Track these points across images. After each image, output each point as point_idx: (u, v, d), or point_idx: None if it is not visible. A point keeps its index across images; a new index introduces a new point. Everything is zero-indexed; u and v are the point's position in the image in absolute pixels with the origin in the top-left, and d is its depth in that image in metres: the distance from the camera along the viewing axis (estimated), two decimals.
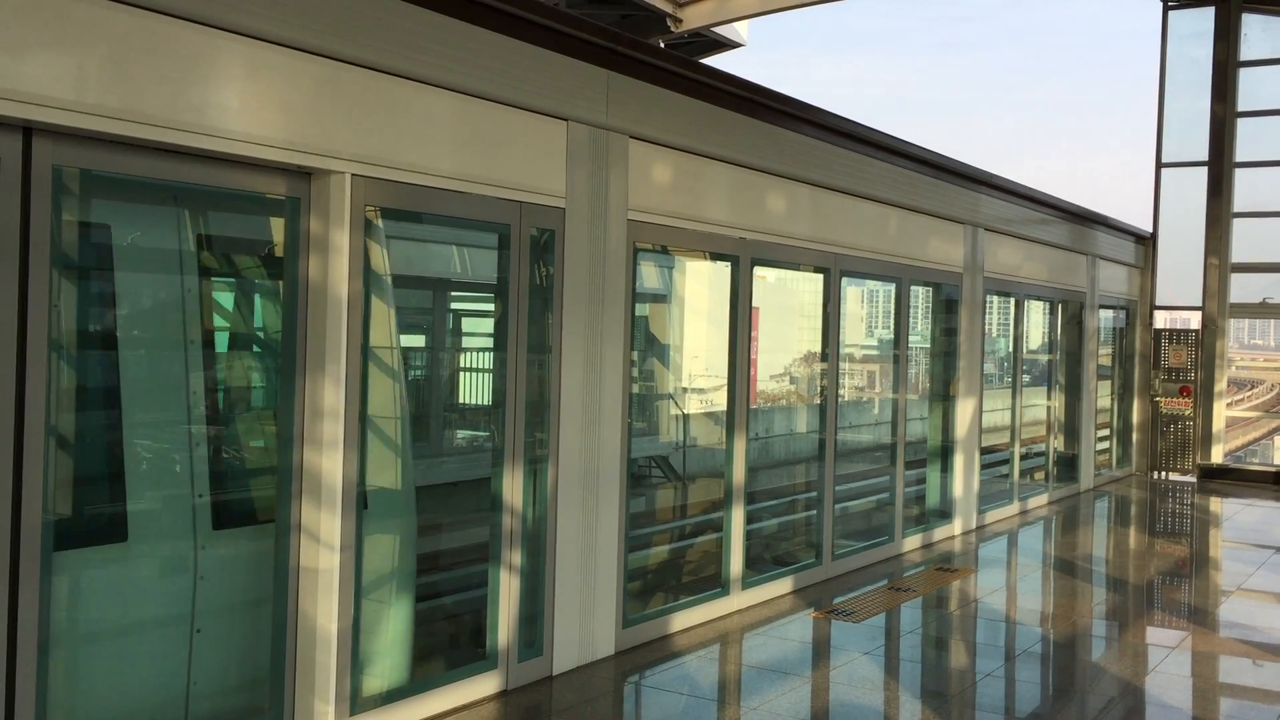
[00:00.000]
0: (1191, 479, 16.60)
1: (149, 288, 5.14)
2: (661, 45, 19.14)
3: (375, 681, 5.61)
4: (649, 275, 7.97)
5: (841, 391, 9.83)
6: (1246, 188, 16.84)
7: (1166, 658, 7.42)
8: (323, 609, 5.20)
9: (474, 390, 6.86)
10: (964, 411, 11.62)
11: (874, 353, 11.05)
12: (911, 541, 10.60)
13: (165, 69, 4.50)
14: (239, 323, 5.71)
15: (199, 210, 5.26)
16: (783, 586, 8.67)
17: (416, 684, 5.79)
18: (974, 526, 11.78)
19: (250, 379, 5.77)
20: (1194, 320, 17.22)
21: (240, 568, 5.25)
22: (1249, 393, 40.10)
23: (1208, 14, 16.99)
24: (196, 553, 5.04)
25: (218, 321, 5.57)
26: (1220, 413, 16.88)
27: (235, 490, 5.48)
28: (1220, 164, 16.72)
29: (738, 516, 8.17)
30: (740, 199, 8.16)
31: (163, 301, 5.13)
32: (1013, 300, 13.10)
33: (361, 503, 5.36)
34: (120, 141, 4.45)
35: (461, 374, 7.38)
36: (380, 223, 5.58)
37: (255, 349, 5.73)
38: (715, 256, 8.16)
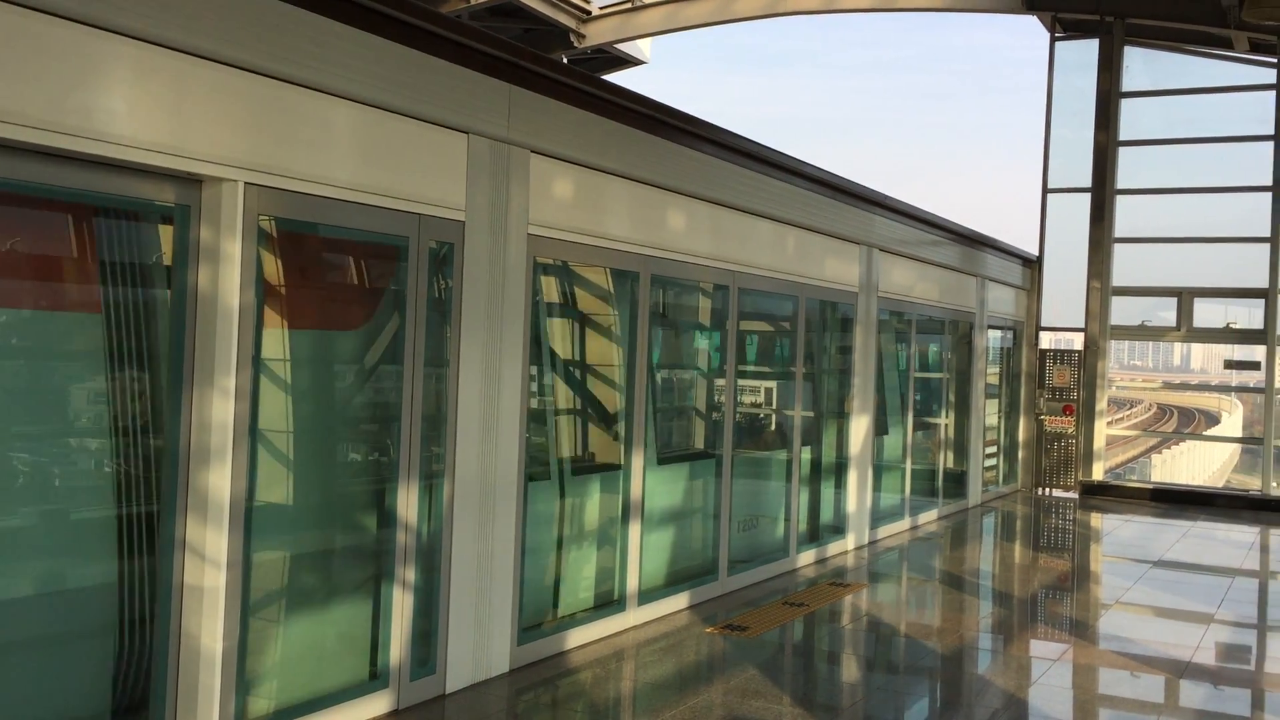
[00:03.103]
0: (1074, 495, 17.15)
1: (30, 295, 4.95)
2: (565, 61, 19.17)
3: (261, 702, 5.47)
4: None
5: (739, 407, 9.92)
6: (1127, 214, 17.50)
7: (1049, 670, 7.64)
8: (207, 628, 5.06)
9: (372, 403, 6.74)
10: (858, 428, 11.82)
11: (770, 369, 11.17)
12: (806, 557, 10.74)
13: (49, 71, 4.35)
14: (129, 332, 5.53)
15: (83, 217, 5.09)
16: (679, 602, 8.70)
17: (304, 704, 5.66)
18: (867, 542, 11.99)
19: (137, 391, 5.59)
20: (1077, 341, 17.83)
21: None
22: (1128, 412, 41.62)
23: (1092, 46, 17.64)
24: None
25: (110, 330, 5.39)
26: (1101, 431, 17.48)
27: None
28: (1102, 191, 17.35)
29: (634, 532, 8.18)
30: (641, 216, 8.20)
31: (45, 309, 4.95)
32: (906, 319, 13.39)
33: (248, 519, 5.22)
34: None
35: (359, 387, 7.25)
36: (275, 232, 5.47)
37: (141, 360, 5.55)
38: (616, 272, 8.18)
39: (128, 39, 4.62)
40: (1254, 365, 17.10)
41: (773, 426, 11.08)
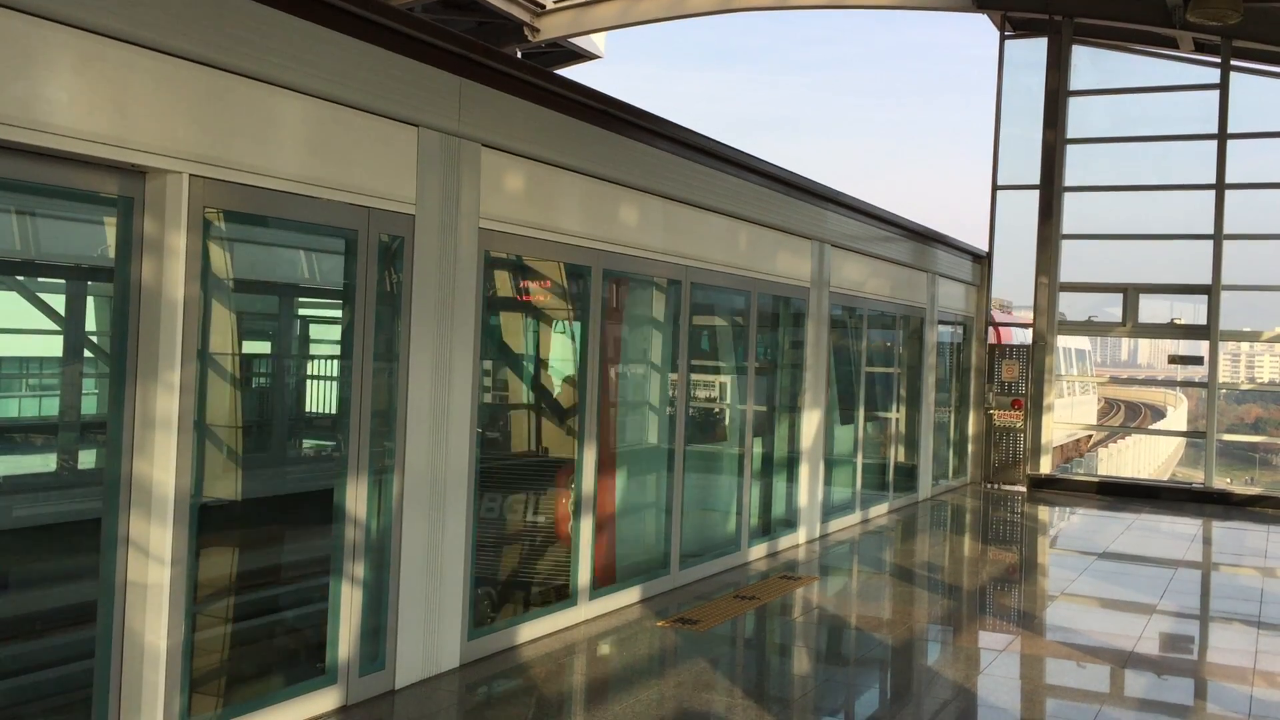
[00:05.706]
0: (1022, 488, 17.35)
1: None
2: (519, 55, 19.08)
3: (207, 699, 5.42)
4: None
5: (691, 402, 9.94)
6: (1075, 211, 17.72)
7: (996, 660, 7.74)
8: (151, 625, 5.00)
9: (319, 398, 6.70)
10: (809, 423, 11.89)
11: (723, 364, 11.20)
12: (758, 550, 10.79)
13: None
14: (63, 325, 5.46)
15: (24, 207, 5.01)
16: (630, 596, 8.71)
17: (251, 701, 5.61)
18: (818, 535, 12.06)
19: (78, 384, 5.52)
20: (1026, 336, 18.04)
21: None
22: None
23: (1041, 45, 17.83)
24: None
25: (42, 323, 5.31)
26: (1049, 425, 17.70)
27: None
28: (1050, 188, 17.55)
29: (586, 526, 8.18)
30: (593, 210, 8.19)
31: None
32: (858, 314, 13.47)
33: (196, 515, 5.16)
34: None
35: (307, 382, 7.20)
36: (222, 225, 5.41)
37: (82, 353, 5.48)
38: (568, 267, 8.17)
39: (69, 28, 4.54)
40: (1197, 360, 17.40)
41: (725, 421, 11.11)
